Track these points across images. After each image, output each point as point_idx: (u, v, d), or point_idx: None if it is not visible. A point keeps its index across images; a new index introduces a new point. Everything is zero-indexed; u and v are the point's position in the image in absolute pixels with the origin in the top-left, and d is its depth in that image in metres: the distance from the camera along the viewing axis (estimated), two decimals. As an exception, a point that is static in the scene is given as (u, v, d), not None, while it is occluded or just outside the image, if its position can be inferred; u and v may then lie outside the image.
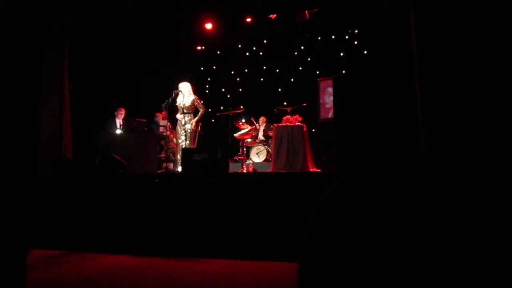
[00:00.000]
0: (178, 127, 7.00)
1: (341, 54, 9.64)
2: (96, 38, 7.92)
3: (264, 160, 8.23)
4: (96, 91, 8.02)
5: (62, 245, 4.59)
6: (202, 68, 10.95)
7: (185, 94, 6.95)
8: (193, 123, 6.96)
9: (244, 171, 7.63)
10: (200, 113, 7.02)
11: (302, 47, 10.18)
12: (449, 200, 0.53)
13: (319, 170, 6.63)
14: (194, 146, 7.05)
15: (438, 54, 4.64)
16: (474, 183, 0.54)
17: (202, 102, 7.16)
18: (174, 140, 7.68)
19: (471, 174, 0.55)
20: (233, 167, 7.63)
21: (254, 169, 7.86)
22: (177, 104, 6.98)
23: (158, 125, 8.23)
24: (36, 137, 6.08)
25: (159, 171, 6.99)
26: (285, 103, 9.17)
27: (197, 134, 7.33)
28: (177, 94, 6.98)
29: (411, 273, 0.51)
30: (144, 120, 7.46)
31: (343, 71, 9.28)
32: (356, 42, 9.50)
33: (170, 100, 6.97)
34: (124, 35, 8.49)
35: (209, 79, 11.01)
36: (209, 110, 10.41)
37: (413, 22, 5.13)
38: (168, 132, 7.79)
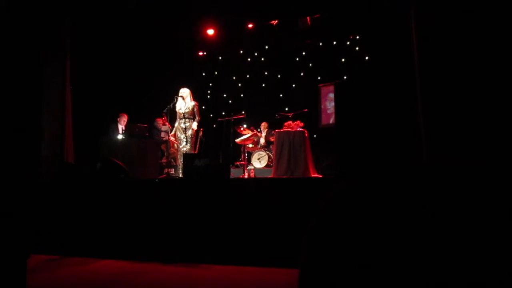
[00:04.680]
0: (178, 132, 7.00)
1: (343, 60, 9.67)
2: (98, 43, 7.96)
3: (266, 166, 8.23)
4: (98, 96, 8.05)
5: (62, 250, 4.58)
6: (203, 74, 10.98)
7: (186, 99, 6.96)
8: (193, 129, 6.95)
9: (246, 176, 7.63)
10: (195, 120, 7.01)
11: (304, 53, 10.21)
12: (450, 207, 0.53)
13: (320, 176, 6.62)
14: (195, 152, 7.05)
15: (440, 60, 4.65)
16: (472, 190, 0.54)
17: (199, 110, 7.15)
18: (175, 145, 7.69)
19: (469, 181, 0.55)
20: (234, 173, 7.63)
21: (255, 175, 7.86)
22: (177, 109, 6.99)
23: (159, 131, 8.24)
24: (38, 142, 6.08)
25: (160, 176, 6.99)
26: (286, 109, 9.18)
27: (198, 140, 7.33)
28: (177, 100, 6.99)
29: (411, 278, 0.51)
30: (146, 125, 7.48)
31: (345, 77, 9.30)
32: (357, 48, 9.53)
33: (171, 105, 6.98)
34: (126, 40, 8.52)
35: (210, 84, 11.04)
36: (211, 115, 10.44)
37: (414, 28, 5.14)
38: (169, 138, 7.80)
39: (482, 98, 4.28)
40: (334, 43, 9.78)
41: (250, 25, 9.43)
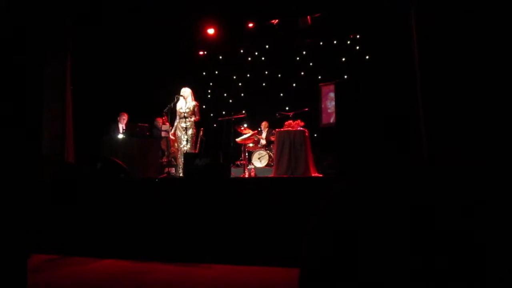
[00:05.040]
0: (178, 132, 7.00)
1: (343, 59, 9.66)
2: (99, 43, 7.95)
3: (266, 165, 8.23)
4: (99, 95, 8.04)
5: (63, 249, 4.58)
6: (204, 73, 10.97)
7: (187, 99, 6.96)
8: (194, 128, 6.95)
9: (246, 176, 7.62)
10: (194, 118, 6.99)
11: (304, 52, 10.20)
12: (449, 207, 0.53)
13: (321, 175, 6.61)
14: (196, 151, 7.04)
15: (440, 59, 4.65)
16: (472, 190, 0.54)
17: (199, 111, 7.14)
18: (176, 145, 7.69)
19: (469, 182, 0.55)
20: (235, 172, 7.62)
21: (256, 174, 7.85)
22: (178, 109, 6.98)
23: (158, 130, 8.25)
24: (39, 141, 6.08)
25: (161, 176, 6.99)
26: (287, 108, 9.17)
27: (198, 139, 7.33)
28: (178, 99, 6.99)
29: (411, 278, 0.51)
30: (147, 125, 7.48)
31: (345, 76, 9.29)
32: (357, 47, 9.52)
33: (172, 105, 6.98)
34: (126, 39, 8.52)
35: (211, 84, 11.03)
36: (211, 115, 10.43)
37: (414, 27, 5.14)
38: (169, 137, 7.80)
39: (482, 97, 4.27)
40: (335, 42, 9.77)
41: (251, 25, 9.42)
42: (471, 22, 4.40)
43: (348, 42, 9.64)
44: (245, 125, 8.88)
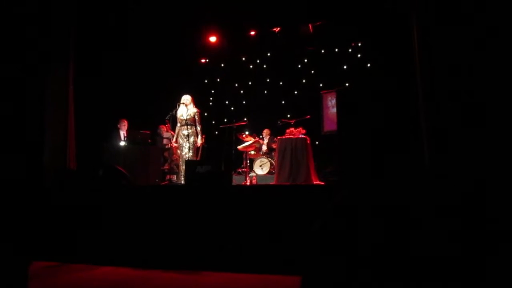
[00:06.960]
0: (180, 139, 7.00)
1: (344, 67, 9.69)
2: (101, 50, 7.99)
3: (268, 173, 8.23)
4: (100, 102, 8.06)
5: (64, 256, 4.57)
6: (206, 81, 11.02)
7: (189, 106, 6.97)
8: (195, 135, 6.95)
9: (248, 183, 7.62)
10: (198, 131, 6.99)
11: (306, 60, 10.23)
12: (450, 212, 0.53)
13: (322, 183, 6.61)
14: (198, 158, 7.05)
15: (441, 67, 4.66)
16: (473, 196, 0.54)
17: (200, 118, 7.13)
18: (178, 152, 7.70)
19: (469, 188, 0.55)
20: (236, 180, 7.62)
21: (257, 182, 7.85)
22: (178, 116, 6.99)
23: (162, 137, 8.26)
24: (41, 148, 6.10)
25: (162, 183, 6.98)
26: (288, 116, 9.19)
27: (200, 146, 7.34)
28: (179, 106, 7.00)
29: (412, 282, 0.51)
30: (148, 132, 7.49)
31: (346, 84, 9.31)
32: (359, 55, 9.55)
33: (174, 112, 6.99)
34: (128, 46, 8.55)
35: (212, 91, 11.08)
36: (213, 122, 10.45)
37: (416, 35, 5.16)
38: (171, 144, 7.81)
39: (484, 105, 4.27)
40: (336, 50, 9.81)
41: (253, 32, 9.48)
42: (473, 29, 4.41)
43: (350, 50, 9.68)
44: (247, 133, 8.89)
